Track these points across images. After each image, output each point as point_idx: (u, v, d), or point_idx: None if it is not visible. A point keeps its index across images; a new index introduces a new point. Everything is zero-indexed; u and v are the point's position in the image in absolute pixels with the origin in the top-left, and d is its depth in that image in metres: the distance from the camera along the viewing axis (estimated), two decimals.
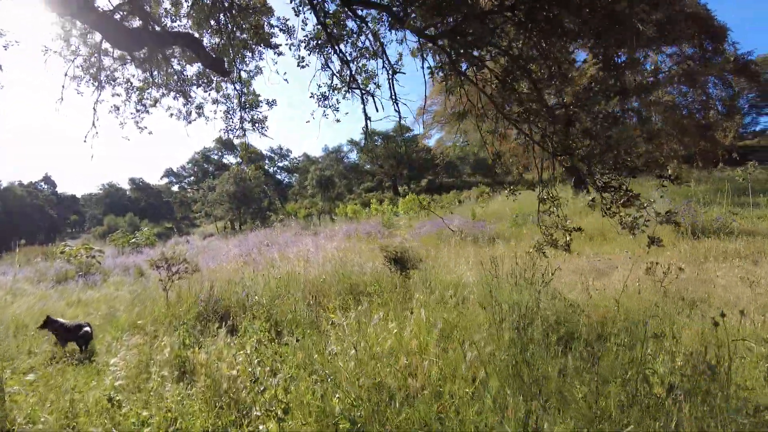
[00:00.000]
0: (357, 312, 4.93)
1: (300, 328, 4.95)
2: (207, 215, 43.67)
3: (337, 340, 4.26)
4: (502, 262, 6.92)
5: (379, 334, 4.12)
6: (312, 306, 6.14)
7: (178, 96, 7.46)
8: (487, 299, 4.99)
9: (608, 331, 4.35)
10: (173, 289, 7.65)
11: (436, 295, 5.52)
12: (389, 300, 5.77)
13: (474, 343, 3.62)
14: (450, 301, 5.47)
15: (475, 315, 4.85)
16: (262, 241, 18.31)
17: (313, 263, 8.69)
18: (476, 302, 5.32)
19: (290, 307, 6.07)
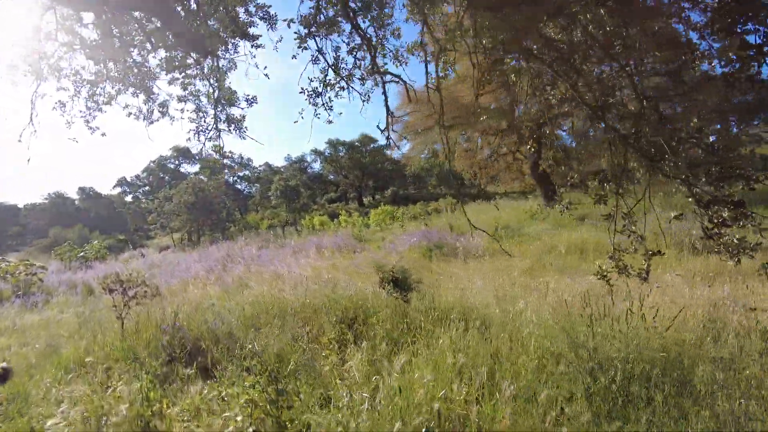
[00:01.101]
0: (363, 350, 4.07)
1: (294, 376, 4.01)
2: (163, 227, 41.43)
3: (348, 394, 3.38)
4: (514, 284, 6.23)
5: (407, 386, 3.27)
6: (301, 338, 5.21)
7: (138, 92, 6.41)
8: (556, 339, 4.13)
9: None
10: (130, 317, 6.54)
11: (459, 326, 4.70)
12: (393, 330, 4.93)
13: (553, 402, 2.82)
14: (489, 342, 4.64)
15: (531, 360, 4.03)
16: (226, 255, 17.04)
17: (291, 282, 7.73)
18: (528, 340, 4.51)
19: (274, 340, 5.12)
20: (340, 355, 4.63)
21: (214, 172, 62.57)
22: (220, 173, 63.13)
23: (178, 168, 64.58)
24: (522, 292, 7.11)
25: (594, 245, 10.48)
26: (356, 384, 3.65)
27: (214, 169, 63.07)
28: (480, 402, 3.05)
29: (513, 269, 9.56)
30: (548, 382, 3.30)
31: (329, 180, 65.72)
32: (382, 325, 4.91)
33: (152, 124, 6.60)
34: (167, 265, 18.44)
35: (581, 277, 8.01)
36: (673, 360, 3.74)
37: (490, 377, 3.34)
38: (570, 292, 6.35)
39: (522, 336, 4.20)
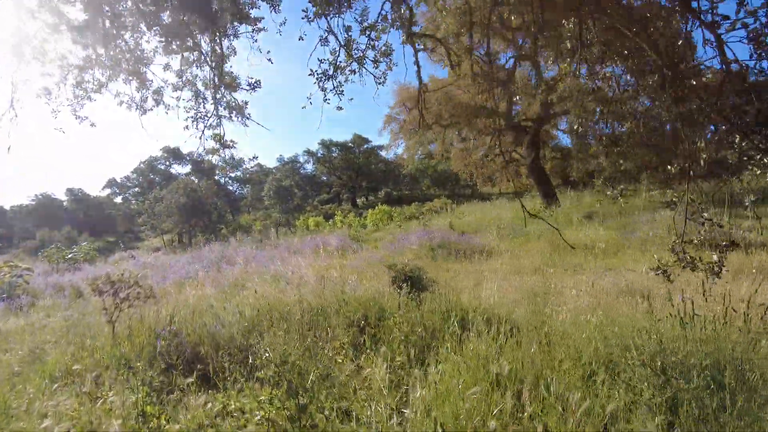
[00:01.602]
0: (382, 356, 3.66)
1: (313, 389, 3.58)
2: (153, 228, 40.70)
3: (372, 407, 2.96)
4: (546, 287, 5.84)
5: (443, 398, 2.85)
6: (310, 345, 4.79)
7: (131, 78, 5.95)
8: (609, 342, 3.69)
9: None
10: (122, 321, 6.07)
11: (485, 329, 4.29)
12: (410, 333, 4.52)
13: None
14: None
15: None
16: (221, 256, 16.54)
17: (292, 283, 7.29)
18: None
19: (280, 344, 4.70)
20: (356, 361, 4.21)
21: (204, 172, 61.85)
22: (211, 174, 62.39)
23: (169, 169, 63.71)
24: (542, 291, 6.74)
25: (603, 243, 10.15)
26: (380, 395, 3.24)
27: (204, 169, 62.34)
28: (541, 416, 2.64)
29: (522, 268, 9.20)
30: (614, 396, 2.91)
31: (322, 181, 65.18)
32: (399, 327, 4.49)
33: (146, 114, 6.16)
34: (159, 267, 17.89)
35: (596, 274, 7.65)
36: None
37: (536, 387, 2.94)
38: (599, 290, 5.98)
39: (573, 339, 3.78)
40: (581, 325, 4.10)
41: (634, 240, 9.51)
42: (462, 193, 50.38)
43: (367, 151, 59.37)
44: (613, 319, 4.34)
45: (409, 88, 23.25)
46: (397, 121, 24.16)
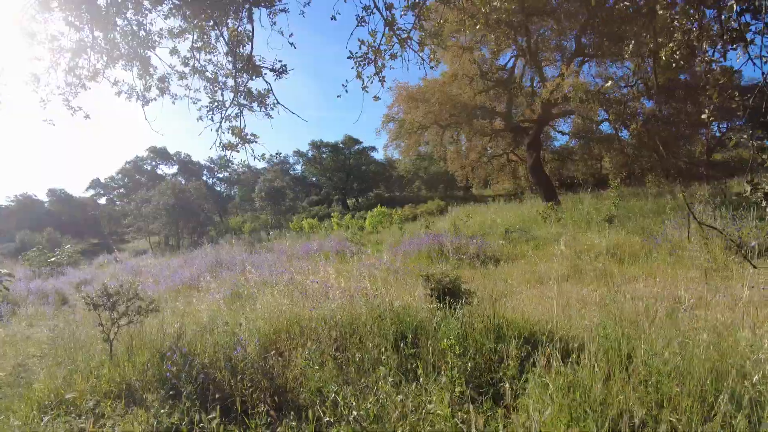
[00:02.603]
0: (444, 387, 3.05)
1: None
2: (140, 230, 39.55)
3: None
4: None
5: None
6: (343, 368, 4.16)
7: (132, 64, 5.26)
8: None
9: None
10: (120, 338, 5.37)
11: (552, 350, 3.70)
12: (466, 357, 3.91)
13: None
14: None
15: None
16: (215, 261, 15.76)
17: (309, 294, 6.63)
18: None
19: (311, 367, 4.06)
20: (403, 392, 3.59)
21: (192, 173, 60.65)
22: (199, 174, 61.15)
23: (156, 169, 62.33)
24: (591, 302, 6.19)
25: (628, 249, 9.65)
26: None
27: (191, 170, 61.14)
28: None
29: (545, 276, 8.65)
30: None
31: (311, 182, 64.35)
32: (452, 350, 3.88)
33: (148, 105, 5.46)
34: (149, 271, 17.06)
35: (641, 284, 7.12)
36: None
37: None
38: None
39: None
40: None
41: (660, 245, 9.02)
42: (455, 195, 49.93)
43: (358, 152, 58.71)
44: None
45: (408, 87, 22.70)
46: (395, 120, 23.58)
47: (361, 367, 4.23)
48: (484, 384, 3.93)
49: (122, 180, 60.88)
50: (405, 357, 4.24)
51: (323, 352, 4.57)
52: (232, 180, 67.50)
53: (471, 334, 4.48)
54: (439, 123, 22.30)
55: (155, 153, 60.89)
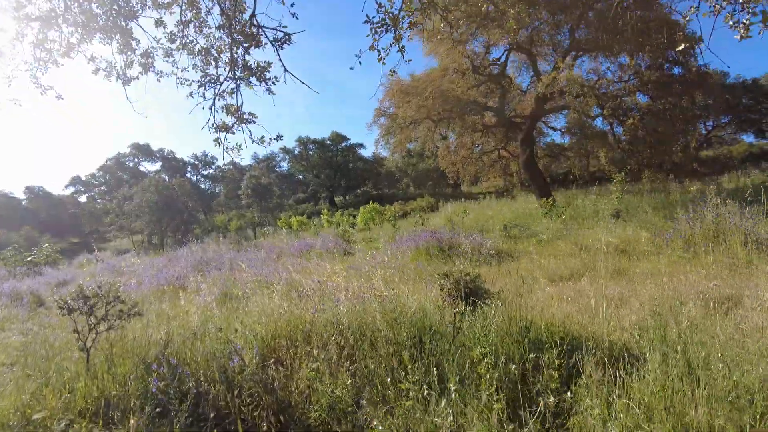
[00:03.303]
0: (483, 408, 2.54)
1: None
2: (122, 228, 38.44)
3: None
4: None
5: None
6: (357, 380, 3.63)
7: (111, 37, 4.63)
8: None
9: None
10: (99, 346, 4.76)
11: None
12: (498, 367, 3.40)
13: None
14: None
15: None
16: (201, 260, 15.07)
17: (308, 295, 6.07)
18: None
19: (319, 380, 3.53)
20: (432, 410, 3.07)
21: (176, 170, 59.43)
22: (183, 171, 59.90)
23: (138, 166, 60.90)
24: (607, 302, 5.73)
25: (638, 245, 9.26)
26: None
27: (175, 167, 59.91)
28: None
29: (557, 272, 8.21)
30: None
31: (298, 179, 63.54)
32: (485, 360, 3.36)
33: (129, 84, 4.84)
34: (132, 271, 16.31)
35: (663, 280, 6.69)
36: None
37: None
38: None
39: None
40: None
41: (674, 240, 8.63)
42: (443, 193, 49.58)
43: (345, 149, 58.11)
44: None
45: (401, 81, 22.16)
46: (387, 115, 23.01)
47: (376, 378, 3.71)
48: (520, 398, 3.44)
49: (103, 177, 59.32)
50: (425, 366, 3.72)
51: (330, 361, 4.03)
52: (217, 177, 66.34)
53: (504, 340, 3.98)
54: (432, 118, 21.78)
55: (138, 149, 59.49)
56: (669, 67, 19.74)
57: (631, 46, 17.84)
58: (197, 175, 65.30)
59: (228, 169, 66.37)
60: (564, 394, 3.21)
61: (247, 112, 4.24)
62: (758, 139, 47.83)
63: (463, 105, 21.70)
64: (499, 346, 3.87)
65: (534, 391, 3.44)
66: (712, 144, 41.13)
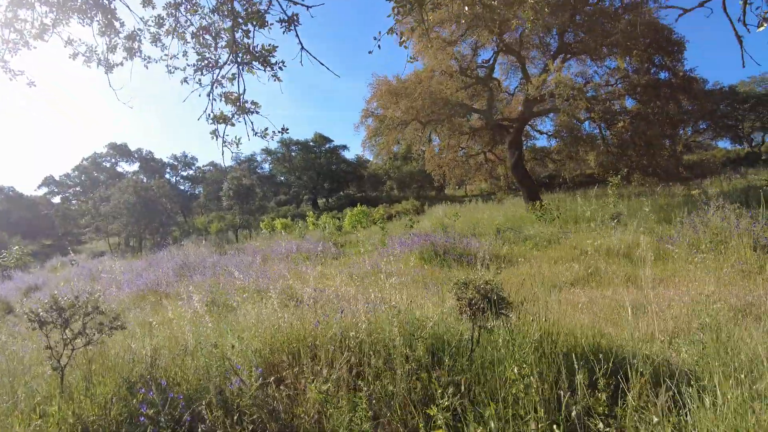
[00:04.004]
0: None
1: None
2: (98, 230, 37.21)
3: None
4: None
5: None
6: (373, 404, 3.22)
7: (92, 17, 4.12)
8: None
9: None
10: (76, 363, 4.24)
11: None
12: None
13: None
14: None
15: None
16: (183, 263, 14.43)
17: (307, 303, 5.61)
18: None
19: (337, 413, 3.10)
20: None
21: (155, 170, 58.06)
22: (162, 172, 58.52)
23: (115, 167, 59.28)
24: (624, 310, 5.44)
25: (637, 249, 9.03)
26: None
27: (154, 168, 58.56)
28: None
29: (559, 279, 7.91)
30: None
31: (280, 181, 62.66)
32: (523, 381, 2.99)
33: (112, 71, 4.35)
34: (109, 274, 15.56)
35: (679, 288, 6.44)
36: None
37: None
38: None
39: None
40: None
41: (679, 245, 8.41)
42: (427, 195, 49.38)
43: (329, 151, 57.52)
44: None
45: (389, 82, 21.79)
46: (374, 116, 22.60)
47: (394, 401, 3.30)
48: (558, 423, 3.06)
49: (79, 178, 57.53)
50: (454, 387, 3.33)
51: (340, 381, 3.61)
52: (197, 178, 65.02)
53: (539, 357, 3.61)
54: (420, 119, 21.45)
55: (115, 149, 57.93)
56: (656, 71, 19.87)
57: (620, 49, 17.84)
58: (176, 176, 63.95)
59: (208, 170, 65.17)
60: (610, 419, 2.86)
61: (249, 101, 3.79)
62: (734, 144, 48.97)
63: (452, 107, 21.44)
64: (533, 364, 3.49)
65: (573, 415, 3.07)
66: (691, 149, 41.83)
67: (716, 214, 8.31)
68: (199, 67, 3.91)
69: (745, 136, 47.71)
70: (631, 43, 17.52)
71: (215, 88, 3.88)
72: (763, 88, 44.91)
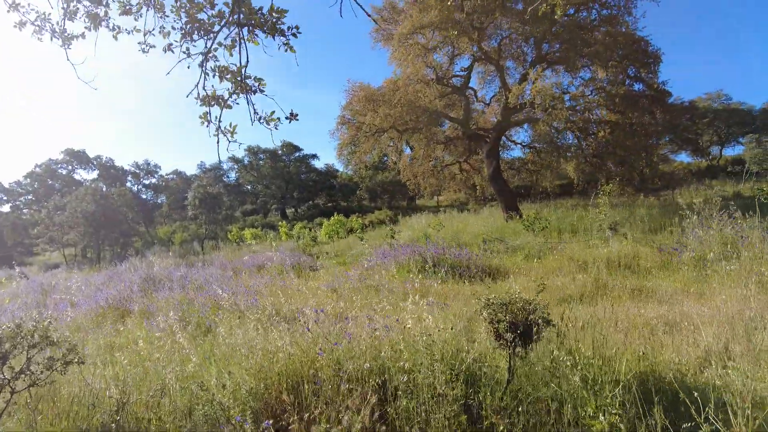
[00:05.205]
0: None
1: None
2: (52, 241, 34.94)
3: None
4: None
5: None
6: None
7: None
8: None
9: None
10: (18, 409, 3.36)
11: None
12: None
13: None
14: None
15: None
16: (146, 277, 13.28)
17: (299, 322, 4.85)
18: None
19: None
20: None
21: (115, 178, 55.52)
22: (123, 180, 56.04)
23: (72, 174, 56.35)
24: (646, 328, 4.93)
25: (644, 261, 8.64)
26: None
27: (114, 175, 56.06)
28: None
29: (563, 293, 7.39)
30: None
31: (246, 190, 60.94)
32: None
33: (70, 45, 3.52)
34: (64, 290, 14.25)
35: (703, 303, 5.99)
36: None
37: None
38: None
39: None
40: None
41: (685, 255, 8.05)
42: (399, 206, 48.92)
43: (298, 159, 56.40)
44: None
45: (367, 87, 21.21)
46: (349, 124, 21.90)
47: None
48: None
49: (31, 185, 54.28)
50: None
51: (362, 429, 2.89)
52: (160, 187, 62.56)
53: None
54: (397, 127, 20.92)
55: (72, 156, 55.06)
56: (630, 83, 20.04)
57: (599, 60, 17.86)
58: (138, 184, 61.25)
59: (172, 179, 62.88)
60: None
61: (252, 77, 3.03)
62: (694, 158, 50.70)
63: (430, 115, 21.03)
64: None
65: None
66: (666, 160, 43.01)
67: (724, 223, 7.98)
68: (188, 31, 3.10)
69: (703, 150, 49.44)
70: (608, 54, 17.56)
71: (207, 61, 3.10)
72: (718, 104, 46.82)
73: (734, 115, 45.39)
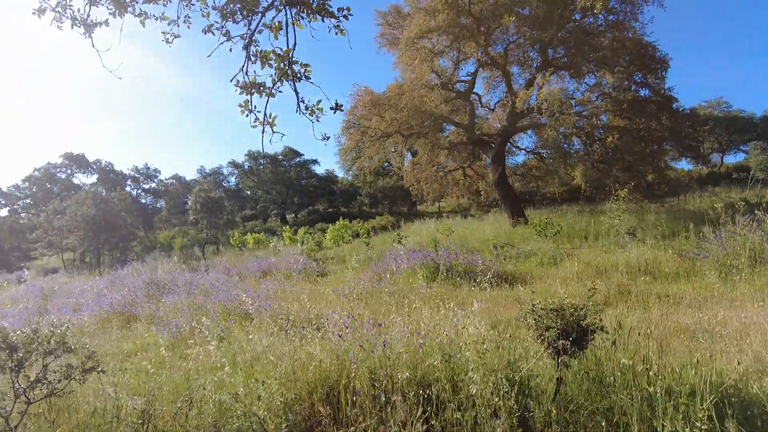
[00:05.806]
0: None
1: None
2: (51, 245, 34.61)
3: None
4: None
5: None
6: None
7: None
8: None
9: None
10: (35, 420, 3.13)
11: None
12: None
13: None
14: None
15: None
16: (150, 281, 13.00)
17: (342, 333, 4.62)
18: None
19: None
20: None
21: (115, 182, 55.25)
22: (123, 184, 55.77)
23: (71, 178, 56.04)
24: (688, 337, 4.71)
25: (665, 267, 8.43)
26: None
27: (113, 179, 55.81)
28: None
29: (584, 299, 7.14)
30: None
31: (246, 195, 60.68)
32: None
33: (92, 32, 3.33)
34: (66, 294, 13.99)
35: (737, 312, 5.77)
36: None
37: None
38: None
39: None
40: None
41: (708, 261, 7.85)
42: (400, 211, 48.69)
43: (299, 165, 56.22)
44: None
45: (372, 92, 21.07)
46: (354, 128, 21.75)
47: None
48: None
49: (29, 189, 53.95)
50: None
51: None
52: (159, 191, 62.28)
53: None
54: (402, 132, 20.77)
55: (71, 159, 54.81)
56: (636, 88, 19.92)
57: (607, 65, 17.76)
58: (138, 188, 60.97)
59: (171, 184, 62.66)
60: None
61: (299, 62, 2.80)
62: (696, 165, 50.72)
63: (435, 120, 20.89)
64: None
65: None
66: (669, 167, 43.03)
67: (750, 228, 7.77)
68: (231, 11, 2.85)
69: (704, 157, 49.47)
70: (615, 60, 17.47)
71: (251, 45, 2.86)
72: (719, 111, 46.90)
73: (735, 123, 45.41)
